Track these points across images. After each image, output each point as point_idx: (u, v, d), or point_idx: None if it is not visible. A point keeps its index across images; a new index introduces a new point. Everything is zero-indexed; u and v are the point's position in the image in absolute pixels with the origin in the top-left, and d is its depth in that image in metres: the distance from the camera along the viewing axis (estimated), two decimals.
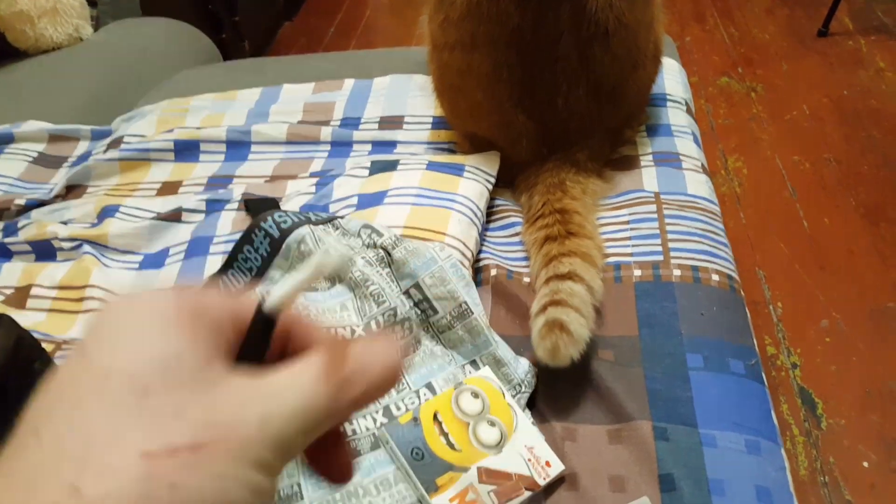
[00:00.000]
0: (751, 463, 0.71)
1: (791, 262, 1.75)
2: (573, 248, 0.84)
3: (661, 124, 1.10)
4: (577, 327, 0.75)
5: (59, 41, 1.65)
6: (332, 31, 3.03)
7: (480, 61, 0.90)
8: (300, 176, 1.11)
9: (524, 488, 0.68)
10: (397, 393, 0.75)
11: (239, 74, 1.43)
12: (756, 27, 2.59)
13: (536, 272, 0.84)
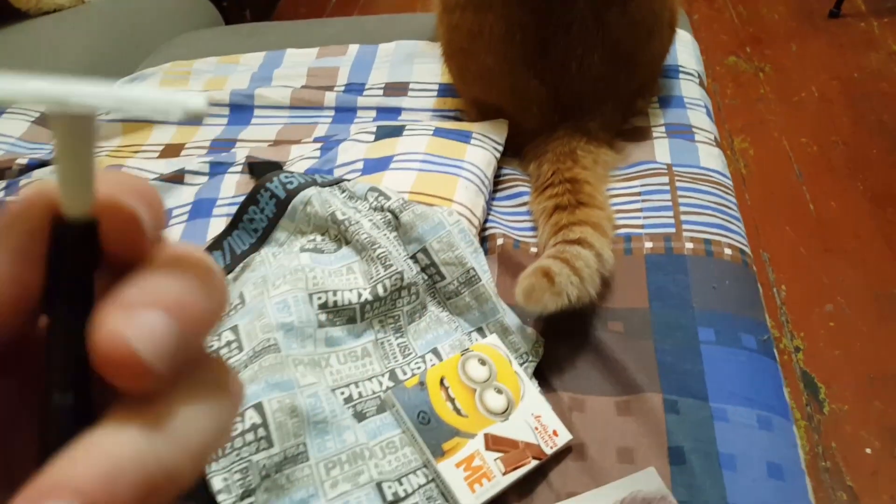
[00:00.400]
0: (762, 438, 0.70)
1: (796, 246, 1.73)
2: (583, 217, 0.82)
3: (673, 96, 1.08)
4: (564, 281, 0.72)
5: (62, 2, 1.62)
6: (333, 1, 2.98)
7: (493, 22, 0.88)
8: (304, 141, 1.09)
9: (531, 457, 0.66)
10: (403, 358, 0.73)
11: (241, 38, 1.40)
12: (765, 7, 2.55)
13: (545, 241, 0.83)
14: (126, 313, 0.17)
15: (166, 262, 0.18)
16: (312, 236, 0.79)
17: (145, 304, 0.17)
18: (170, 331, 0.17)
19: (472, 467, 0.65)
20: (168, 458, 0.17)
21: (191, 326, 0.18)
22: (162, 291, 0.17)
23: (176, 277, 0.18)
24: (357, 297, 0.72)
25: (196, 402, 0.18)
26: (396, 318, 0.75)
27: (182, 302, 0.18)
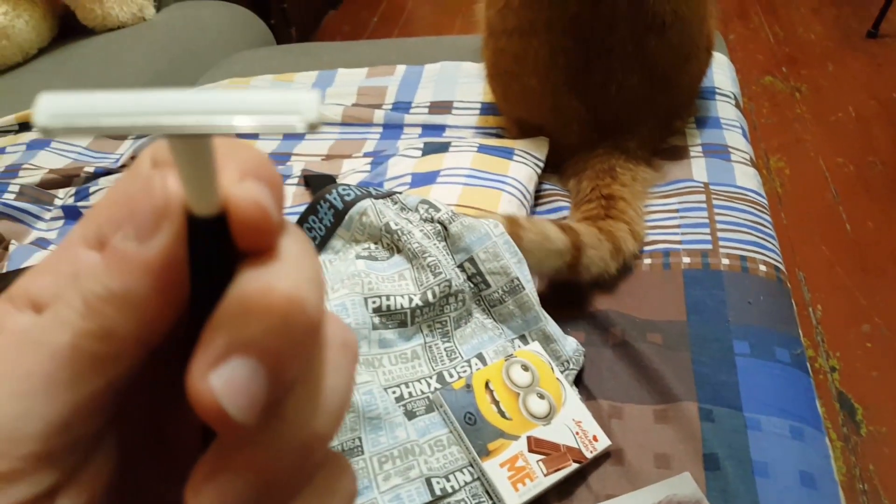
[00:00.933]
0: (795, 448, 0.73)
1: (832, 265, 1.74)
2: (601, 225, 0.87)
3: (710, 117, 1.12)
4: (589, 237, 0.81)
5: (124, 20, 1.71)
6: (375, 20, 3.06)
7: (538, 47, 0.92)
8: (354, 155, 1.14)
9: (572, 460, 0.70)
10: (450, 361, 0.78)
11: (294, 58, 1.46)
12: (802, 26, 2.57)
13: None
14: (214, 361, 0.17)
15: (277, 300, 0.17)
16: (367, 244, 0.83)
17: (235, 351, 0.17)
18: (259, 381, 0.17)
19: (516, 467, 0.69)
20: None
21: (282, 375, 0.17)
22: (257, 336, 0.17)
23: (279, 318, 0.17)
24: (408, 303, 0.76)
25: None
26: (444, 323, 0.80)
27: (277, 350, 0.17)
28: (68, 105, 0.17)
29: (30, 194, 1.16)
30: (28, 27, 1.64)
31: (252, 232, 0.18)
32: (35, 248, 1.02)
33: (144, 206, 0.18)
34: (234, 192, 0.18)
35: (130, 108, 0.16)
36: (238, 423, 0.16)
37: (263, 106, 0.17)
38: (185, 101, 0.16)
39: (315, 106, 0.17)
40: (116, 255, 0.18)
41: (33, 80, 1.61)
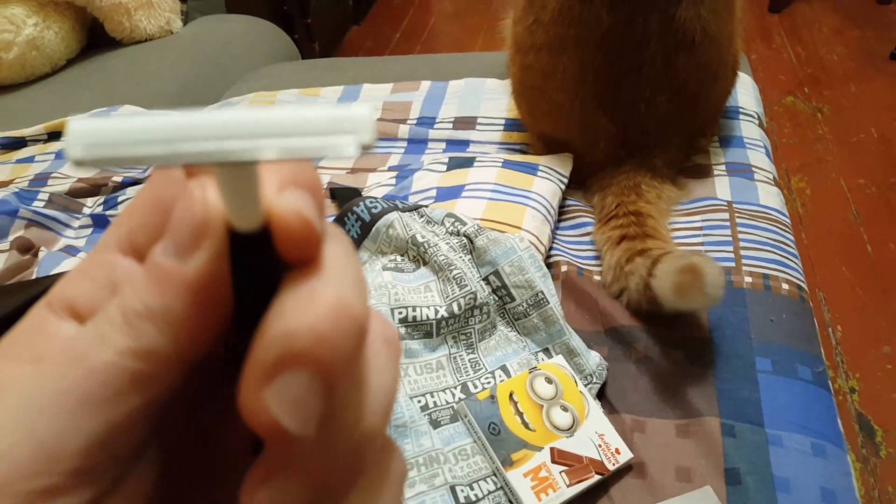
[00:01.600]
0: (816, 465, 0.73)
1: (853, 286, 1.74)
2: (654, 246, 0.87)
3: (734, 136, 1.12)
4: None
5: (152, 33, 1.74)
6: (397, 36, 3.10)
7: (567, 63, 0.94)
8: (379, 169, 1.16)
9: (594, 472, 0.71)
10: (474, 373, 0.78)
11: (320, 72, 1.49)
12: (824, 47, 2.57)
13: (617, 264, 0.87)
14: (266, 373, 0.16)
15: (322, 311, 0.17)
16: (393, 256, 0.85)
17: (287, 364, 0.16)
18: (313, 393, 0.16)
19: (539, 478, 0.70)
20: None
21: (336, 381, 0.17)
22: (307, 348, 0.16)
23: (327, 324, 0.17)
24: (434, 314, 0.78)
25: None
26: (468, 335, 0.81)
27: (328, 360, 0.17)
28: (102, 133, 0.16)
29: (59, 202, 1.18)
30: (57, 38, 1.68)
31: (296, 245, 0.17)
32: (64, 254, 1.05)
33: (184, 221, 0.17)
34: (276, 205, 0.17)
35: (170, 134, 0.15)
36: (295, 436, 0.16)
37: (313, 126, 0.16)
38: (228, 124, 0.15)
39: (370, 124, 0.16)
40: (156, 271, 0.18)
41: (62, 91, 1.65)
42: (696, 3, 0.90)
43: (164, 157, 0.16)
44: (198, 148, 0.15)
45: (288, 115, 0.16)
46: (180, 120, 0.15)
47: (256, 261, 0.18)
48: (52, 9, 1.66)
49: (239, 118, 0.16)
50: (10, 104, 1.62)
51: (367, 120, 0.16)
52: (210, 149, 0.15)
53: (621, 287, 0.87)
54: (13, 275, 1.01)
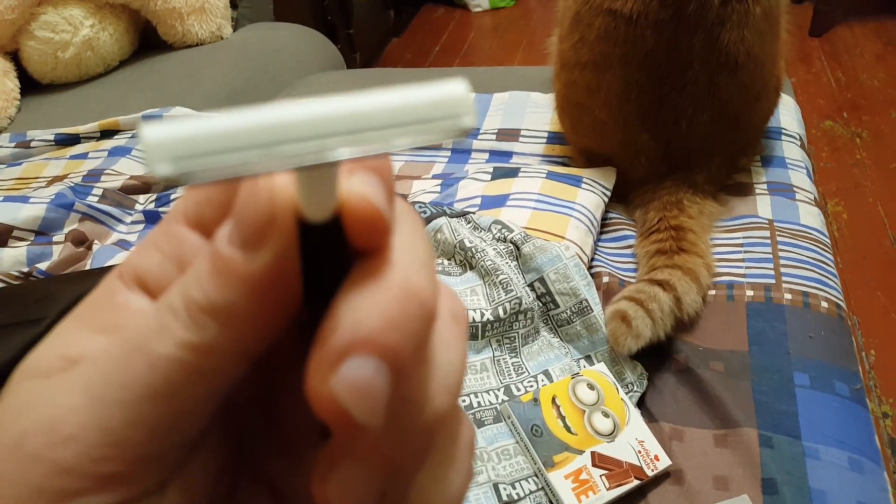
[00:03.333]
0: (853, 479, 0.74)
1: (888, 312, 1.73)
2: (679, 262, 0.88)
3: (775, 156, 1.14)
4: (641, 324, 0.80)
5: (203, 38, 1.79)
6: (437, 49, 3.14)
7: (612, 81, 0.96)
8: (423, 177, 1.19)
9: (633, 477, 0.73)
10: (517, 376, 0.81)
11: (367, 81, 1.52)
12: (865, 72, 2.57)
13: (638, 280, 0.89)
14: (333, 361, 0.16)
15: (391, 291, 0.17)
16: (440, 260, 0.87)
17: (354, 350, 0.16)
18: (381, 379, 0.16)
19: (580, 480, 0.72)
20: None
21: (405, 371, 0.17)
22: (374, 327, 0.16)
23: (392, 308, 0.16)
24: (479, 317, 0.80)
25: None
26: (512, 339, 0.83)
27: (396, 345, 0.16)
28: (186, 142, 0.14)
29: (112, 198, 1.22)
30: (112, 40, 1.73)
31: (366, 232, 0.17)
32: (117, 248, 1.08)
33: (249, 210, 0.17)
34: (347, 192, 0.16)
35: (263, 135, 0.14)
36: (362, 425, 0.16)
37: (411, 114, 0.15)
38: (322, 119, 0.14)
39: (471, 104, 0.15)
40: (220, 262, 0.17)
41: (114, 91, 1.70)
42: (740, 25, 0.92)
43: (261, 164, 0.14)
44: (299, 150, 0.14)
45: (381, 103, 0.15)
46: (270, 117, 0.14)
47: (326, 250, 0.17)
48: (108, 11, 1.72)
49: (331, 111, 0.14)
50: (64, 102, 1.68)
51: (467, 100, 0.15)
52: (312, 150, 0.14)
53: None
54: (68, 266, 1.05)
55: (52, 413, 0.17)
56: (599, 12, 0.94)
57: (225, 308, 0.17)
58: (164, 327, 0.17)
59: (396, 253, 0.17)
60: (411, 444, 0.18)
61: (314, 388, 0.16)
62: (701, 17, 0.91)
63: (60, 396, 0.18)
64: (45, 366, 0.19)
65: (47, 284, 0.87)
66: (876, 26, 2.81)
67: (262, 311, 0.17)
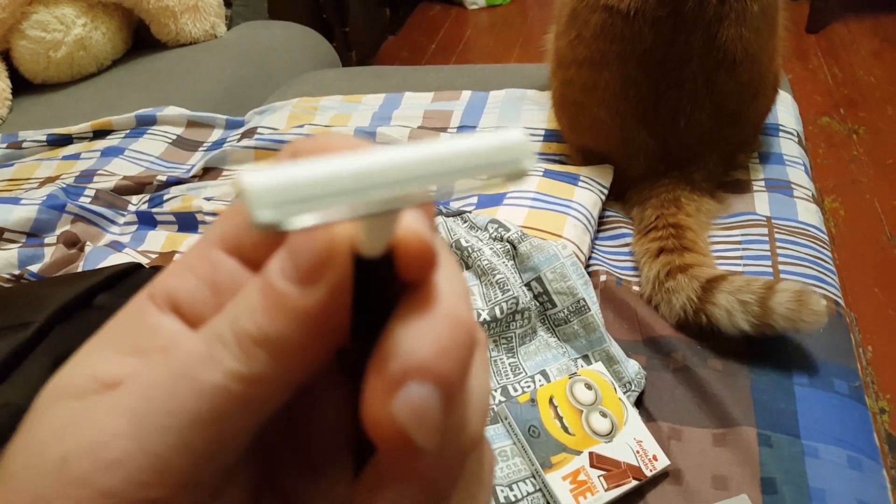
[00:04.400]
0: (852, 477, 0.73)
1: (885, 308, 1.73)
2: (695, 261, 0.88)
3: (773, 153, 1.13)
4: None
5: (197, 36, 1.79)
6: (433, 47, 3.13)
7: (609, 79, 0.95)
8: None
9: (632, 477, 0.72)
10: (514, 376, 0.80)
11: (363, 80, 1.51)
12: (861, 69, 2.56)
13: (656, 279, 0.89)
14: (392, 387, 0.17)
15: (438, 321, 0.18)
16: None
17: (412, 376, 0.17)
18: (436, 404, 0.17)
19: (578, 481, 0.71)
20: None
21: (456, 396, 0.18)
22: (428, 356, 0.17)
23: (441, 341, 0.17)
24: (476, 317, 0.79)
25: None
26: (509, 339, 0.82)
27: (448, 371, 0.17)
28: (286, 189, 0.15)
29: (105, 199, 1.21)
30: (104, 39, 1.72)
31: (418, 267, 0.18)
32: (110, 249, 1.07)
33: (306, 245, 0.17)
34: (402, 229, 0.17)
35: (352, 182, 0.15)
36: (420, 447, 0.17)
37: (479, 160, 0.16)
38: (404, 166, 0.15)
39: (530, 149, 0.17)
40: (274, 296, 0.17)
41: (107, 90, 1.69)
42: (738, 22, 0.91)
43: (354, 209, 0.15)
44: (388, 195, 0.15)
45: (454, 151, 0.16)
46: (361, 164, 0.15)
47: (375, 283, 0.18)
48: (101, 10, 1.71)
49: (415, 158, 0.16)
50: (57, 102, 1.67)
51: (526, 145, 0.17)
52: (400, 195, 0.15)
53: (659, 301, 0.89)
54: (60, 268, 1.04)
55: (96, 437, 0.17)
56: (596, 9, 0.93)
57: (277, 340, 0.17)
58: (213, 356, 0.17)
59: (442, 285, 0.18)
60: (451, 467, 0.19)
61: (374, 411, 0.17)
62: (699, 14, 0.90)
63: (103, 420, 0.18)
64: (78, 387, 0.19)
65: (35, 288, 0.86)
66: (872, 23, 2.81)
67: (313, 343, 0.18)
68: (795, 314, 0.79)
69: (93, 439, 0.17)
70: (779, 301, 0.79)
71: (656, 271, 0.89)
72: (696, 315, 0.84)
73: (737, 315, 0.81)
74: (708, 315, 0.83)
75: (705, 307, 0.83)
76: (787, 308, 0.79)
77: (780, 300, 0.79)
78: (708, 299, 0.83)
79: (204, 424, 0.17)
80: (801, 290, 0.80)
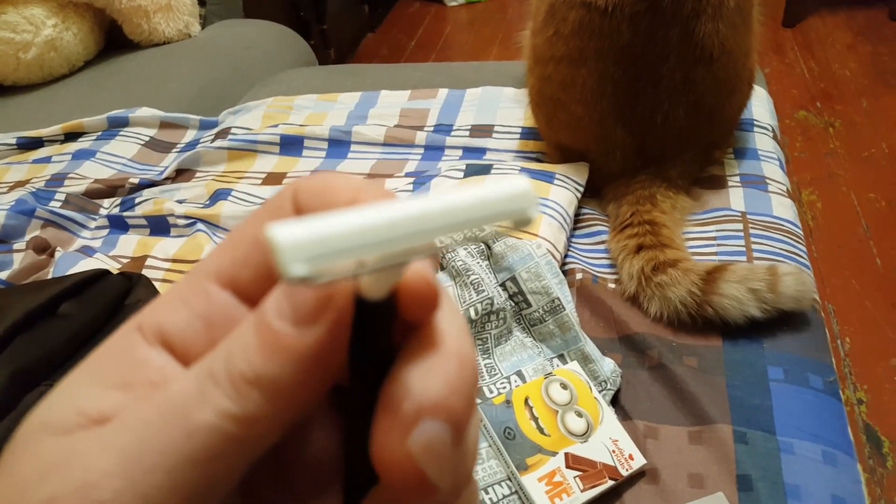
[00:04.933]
0: (827, 473, 0.74)
1: (861, 299, 1.74)
2: (677, 256, 0.88)
3: (748, 148, 1.14)
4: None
5: (170, 36, 1.77)
6: (412, 44, 3.12)
7: (587, 75, 0.95)
8: (396, 175, 1.17)
9: (608, 477, 0.72)
10: (490, 377, 0.79)
11: (338, 78, 1.50)
12: (837, 63, 2.58)
13: (638, 274, 0.88)
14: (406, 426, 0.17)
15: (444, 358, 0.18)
16: None
17: (425, 414, 0.17)
18: (449, 441, 0.17)
19: (553, 482, 0.71)
20: None
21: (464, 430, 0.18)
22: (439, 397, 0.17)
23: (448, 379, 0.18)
24: None
25: None
26: (484, 340, 0.82)
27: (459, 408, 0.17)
28: (317, 243, 0.15)
29: (75, 203, 1.19)
30: (76, 40, 1.70)
31: (423, 307, 0.18)
32: (80, 255, 1.06)
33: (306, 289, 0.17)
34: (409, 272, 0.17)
35: (378, 234, 0.16)
36: (435, 486, 0.17)
37: (492, 208, 0.17)
38: (421, 218, 0.16)
39: (535, 198, 0.18)
40: (270, 336, 0.17)
41: (80, 92, 1.67)
42: (715, 18, 0.91)
43: (378, 262, 0.16)
44: (403, 248, 0.16)
45: (466, 201, 0.17)
46: (381, 218, 0.16)
47: (379, 325, 0.18)
48: (72, 10, 1.69)
49: (433, 209, 0.16)
50: (27, 104, 1.64)
51: (532, 193, 0.18)
52: (421, 246, 0.16)
53: (650, 296, 0.88)
54: (29, 274, 1.02)
55: (84, 477, 0.17)
56: (574, 5, 0.92)
57: (271, 381, 0.17)
58: (205, 395, 0.17)
59: (444, 324, 0.19)
60: (454, 499, 0.19)
61: (388, 449, 0.17)
62: (676, 10, 0.90)
63: (91, 459, 0.17)
64: (63, 421, 0.18)
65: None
66: (847, 17, 2.83)
67: (308, 383, 0.17)
68: (801, 293, 0.84)
69: (81, 479, 0.17)
70: (787, 284, 0.84)
71: (639, 267, 0.88)
72: (699, 307, 0.85)
73: (747, 303, 0.83)
74: (714, 306, 0.84)
75: (710, 298, 0.84)
76: (796, 290, 0.84)
77: (788, 283, 0.84)
78: (713, 290, 0.84)
79: (195, 464, 0.17)
80: (796, 270, 0.86)
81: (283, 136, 1.24)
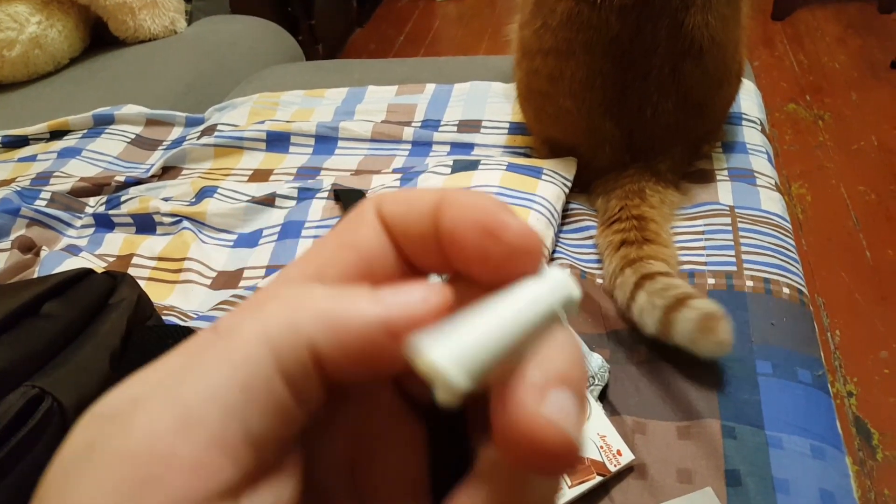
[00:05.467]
0: (816, 467, 0.73)
1: (851, 292, 1.74)
2: (652, 253, 0.87)
3: (736, 142, 1.13)
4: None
5: (156, 32, 1.75)
6: (401, 39, 3.11)
7: (575, 68, 0.94)
8: (383, 171, 1.16)
9: (596, 473, 0.71)
10: None
11: (325, 74, 1.49)
12: (826, 55, 2.58)
13: (613, 273, 0.88)
14: (540, 395, 0.18)
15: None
16: None
17: (554, 384, 0.18)
18: (578, 410, 0.18)
19: None
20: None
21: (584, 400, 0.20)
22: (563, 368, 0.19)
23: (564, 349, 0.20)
24: None
25: None
26: None
27: (575, 377, 0.19)
28: (466, 356, 0.17)
29: (61, 201, 1.18)
30: (61, 37, 1.68)
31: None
32: (66, 254, 1.05)
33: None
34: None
35: (496, 333, 0.18)
36: (574, 445, 0.18)
37: (550, 298, 0.19)
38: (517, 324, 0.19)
39: (573, 284, 0.20)
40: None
41: (65, 90, 1.65)
42: (704, 10, 0.91)
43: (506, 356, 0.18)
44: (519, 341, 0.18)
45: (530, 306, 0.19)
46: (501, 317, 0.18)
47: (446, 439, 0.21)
48: (56, 7, 1.67)
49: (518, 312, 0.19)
50: (12, 102, 1.63)
51: (571, 283, 0.20)
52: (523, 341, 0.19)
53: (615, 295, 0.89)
54: (14, 274, 1.01)
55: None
56: None
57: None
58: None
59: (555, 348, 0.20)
60: (579, 462, 0.22)
61: (524, 416, 0.18)
62: (665, 2, 0.90)
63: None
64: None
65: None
66: (836, 9, 2.83)
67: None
68: (693, 336, 0.78)
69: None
70: (684, 317, 0.78)
71: (615, 265, 0.88)
72: (627, 310, 0.85)
73: (646, 316, 0.81)
74: (629, 311, 0.84)
75: (629, 303, 0.84)
76: (686, 328, 0.78)
77: (685, 316, 0.78)
78: (633, 296, 0.84)
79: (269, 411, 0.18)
80: (711, 314, 0.77)
81: (269, 133, 1.23)
